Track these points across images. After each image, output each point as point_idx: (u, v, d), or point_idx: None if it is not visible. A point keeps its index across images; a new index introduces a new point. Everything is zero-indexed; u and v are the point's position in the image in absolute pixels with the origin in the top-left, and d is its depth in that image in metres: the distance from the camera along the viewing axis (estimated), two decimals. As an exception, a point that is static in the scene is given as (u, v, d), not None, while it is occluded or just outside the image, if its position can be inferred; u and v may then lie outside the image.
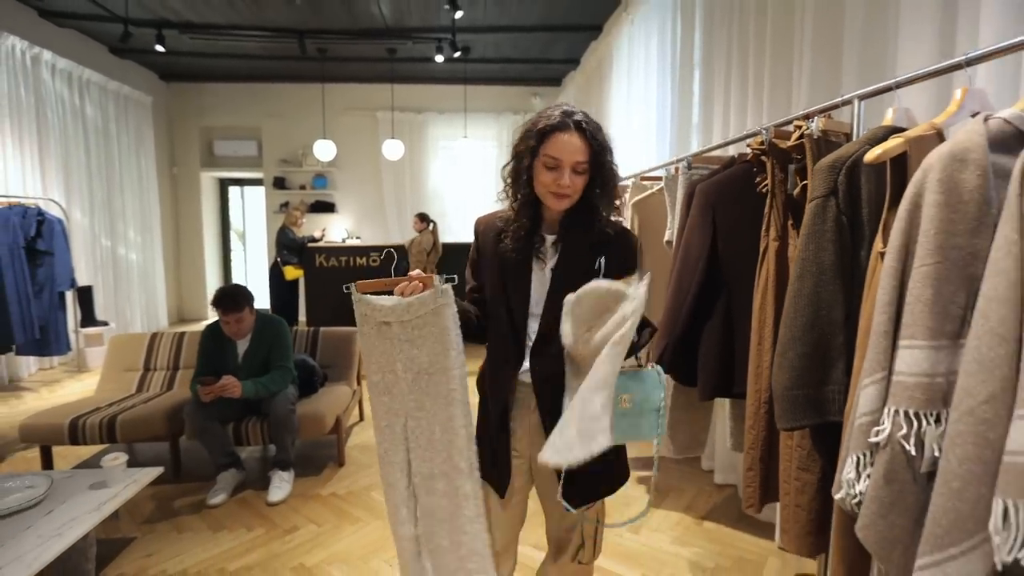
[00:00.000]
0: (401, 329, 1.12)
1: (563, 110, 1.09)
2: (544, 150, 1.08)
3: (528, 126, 1.12)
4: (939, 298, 0.82)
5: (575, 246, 1.14)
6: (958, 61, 0.97)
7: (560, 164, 1.07)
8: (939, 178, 0.82)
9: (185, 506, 2.49)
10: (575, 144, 1.07)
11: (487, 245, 1.20)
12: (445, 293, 1.09)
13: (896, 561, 0.85)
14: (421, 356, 1.12)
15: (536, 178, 1.11)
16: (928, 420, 0.82)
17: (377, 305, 1.14)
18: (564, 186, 1.08)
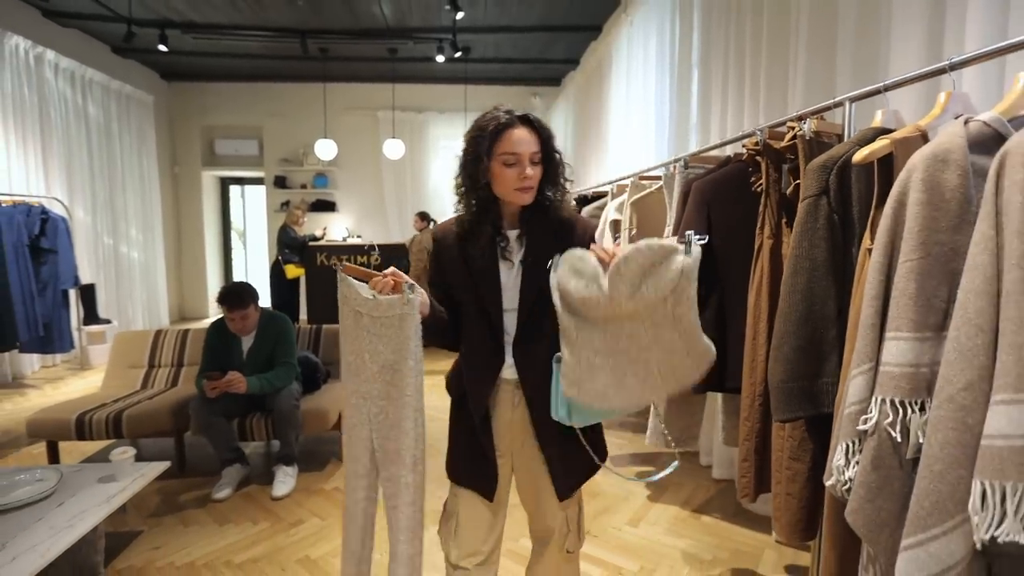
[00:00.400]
0: (371, 322, 1.16)
1: (505, 109, 1.14)
2: (500, 149, 1.11)
3: (475, 131, 1.14)
4: (923, 292, 0.86)
5: (539, 236, 1.18)
6: (942, 66, 1.01)
7: (520, 158, 1.11)
8: (922, 178, 0.86)
9: (190, 500, 2.53)
10: (528, 137, 1.12)
11: (449, 253, 1.21)
12: (410, 303, 1.11)
13: (884, 544, 0.89)
14: (387, 352, 1.16)
15: (496, 179, 1.14)
16: (913, 408, 0.86)
17: (355, 292, 1.18)
18: (529, 177, 1.11)
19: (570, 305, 1.07)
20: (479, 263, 1.17)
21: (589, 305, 1.04)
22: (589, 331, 1.07)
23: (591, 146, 5.14)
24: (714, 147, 1.98)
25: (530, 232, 1.18)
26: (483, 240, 1.16)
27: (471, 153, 1.14)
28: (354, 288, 1.18)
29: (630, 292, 1.00)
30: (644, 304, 1.01)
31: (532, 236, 1.18)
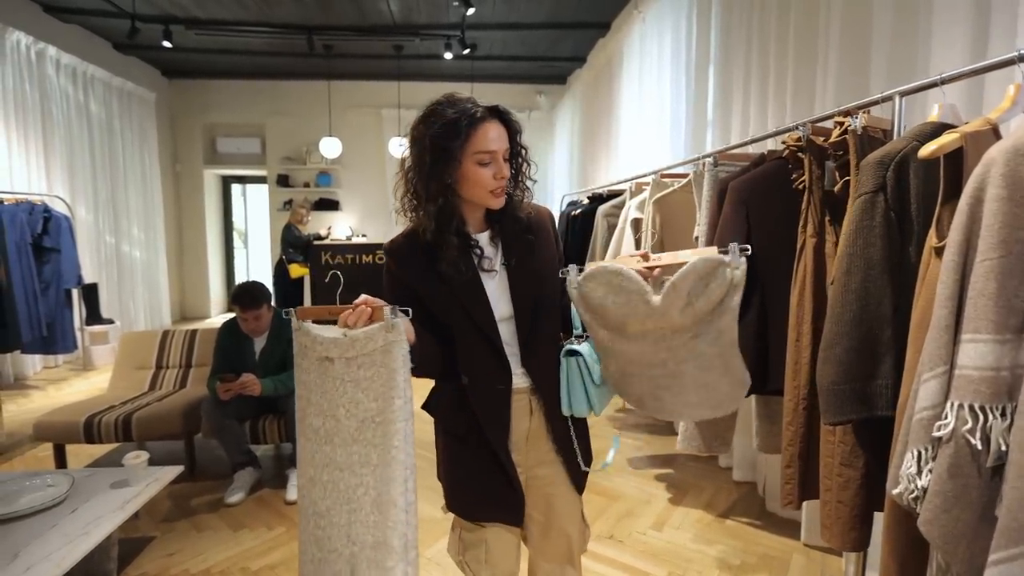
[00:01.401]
0: (345, 367, 0.96)
1: (471, 100, 1.01)
2: (474, 147, 0.98)
3: (441, 126, 0.97)
4: (1003, 292, 0.82)
5: (514, 235, 1.09)
6: (1011, 57, 0.97)
7: (495, 156, 1.00)
8: (1003, 172, 0.83)
9: (202, 505, 2.48)
10: (501, 132, 1.01)
11: (417, 272, 1.05)
12: (395, 328, 0.93)
13: (961, 555, 0.85)
14: (367, 401, 0.96)
15: (466, 180, 1.01)
16: (994, 414, 0.82)
17: (318, 337, 0.98)
18: (505, 177, 1.02)
19: (607, 322, 1.03)
20: (458, 277, 1.03)
21: (632, 321, 1.01)
22: (625, 344, 1.04)
23: (600, 144, 5.10)
24: (746, 143, 1.94)
25: (503, 233, 1.09)
26: (453, 251, 1.02)
27: (438, 151, 0.98)
28: (313, 334, 0.99)
29: (683, 306, 0.98)
30: (692, 318, 0.98)
31: (507, 237, 1.09)
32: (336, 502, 0.98)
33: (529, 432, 1.13)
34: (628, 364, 1.05)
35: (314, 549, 1.00)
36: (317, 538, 0.99)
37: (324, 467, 0.99)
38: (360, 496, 0.96)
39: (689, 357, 1.01)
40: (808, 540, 2.10)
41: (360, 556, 0.96)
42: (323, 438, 0.99)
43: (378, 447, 0.96)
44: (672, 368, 1.03)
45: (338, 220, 7.26)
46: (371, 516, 0.95)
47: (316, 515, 1.00)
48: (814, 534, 2.09)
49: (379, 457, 0.95)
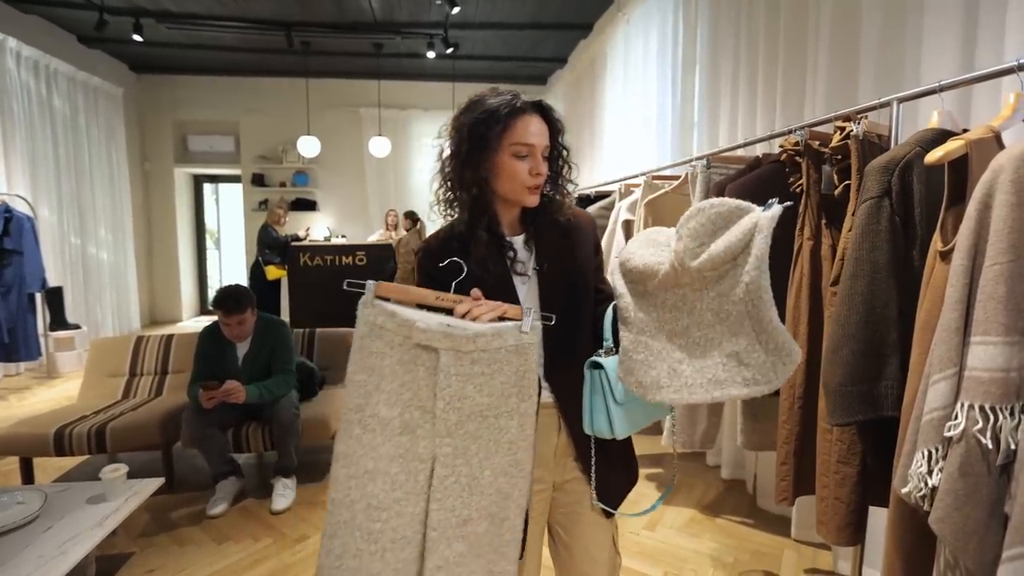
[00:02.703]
0: (455, 361, 0.91)
1: (512, 92, 0.99)
2: (512, 138, 0.96)
3: (480, 113, 0.96)
4: (1013, 295, 0.84)
5: (549, 240, 1.05)
6: (1011, 65, 1.00)
7: (533, 151, 0.97)
8: (1012, 179, 0.85)
9: (183, 517, 2.38)
10: (541, 126, 0.98)
11: (452, 271, 1.02)
12: (534, 330, 0.92)
13: (972, 552, 0.87)
14: (479, 397, 0.92)
15: (501, 173, 0.98)
16: (1004, 414, 0.84)
17: (417, 323, 0.91)
18: (543, 174, 0.98)
19: (634, 281, 0.95)
20: (489, 278, 0.99)
21: (651, 273, 0.92)
22: (647, 309, 0.94)
23: (584, 145, 5.12)
24: (741, 146, 1.96)
25: (538, 236, 1.04)
26: (482, 247, 0.99)
27: (475, 138, 0.96)
28: (406, 317, 0.92)
29: (696, 247, 0.86)
30: (711, 264, 0.86)
31: (541, 240, 1.04)
32: (410, 493, 0.92)
33: (557, 448, 1.07)
34: (649, 337, 0.94)
35: (362, 543, 0.93)
36: (371, 531, 0.92)
37: (395, 459, 0.93)
38: (449, 486, 0.93)
39: (715, 321, 0.89)
40: (798, 536, 2.14)
41: (440, 539, 0.92)
42: (397, 430, 0.93)
43: (481, 439, 0.92)
44: (696, 336, 0.91)
45: (315, 221, 7.12)
46: (457, 500, 0.93)
47: (373, 508, 0.92)
48: (804, 530, 2.13)
49: (481, 448, 0.93)
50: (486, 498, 0.94)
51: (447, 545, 0.92)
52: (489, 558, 0.96)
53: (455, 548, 0.93)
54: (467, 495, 0.93)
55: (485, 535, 0.95)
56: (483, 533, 0.95)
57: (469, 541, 0.94)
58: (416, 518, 0.92)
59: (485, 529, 0.95)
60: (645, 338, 0.93)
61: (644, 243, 0.97)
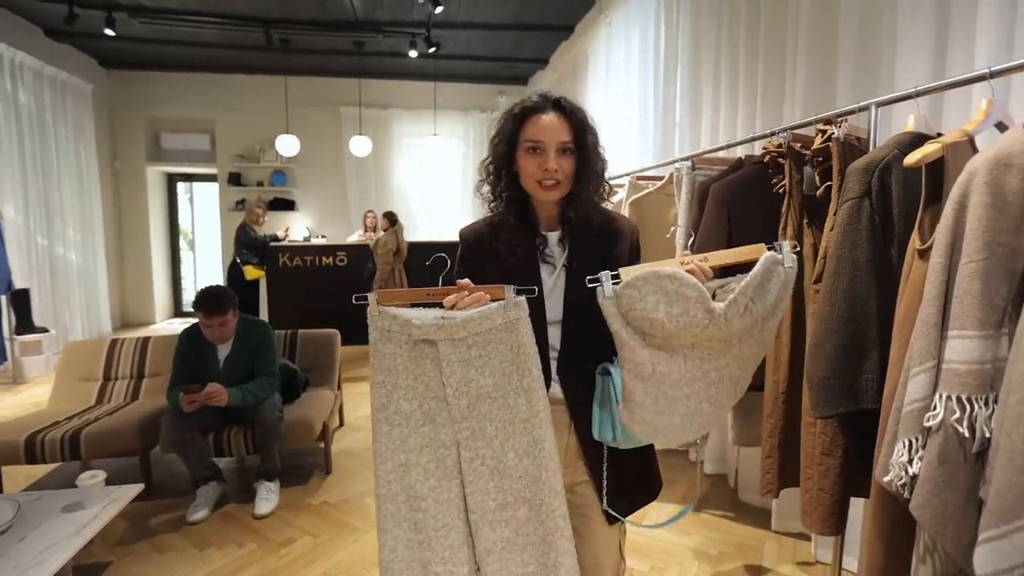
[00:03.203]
0: (452, 349, 0.95)
1: (540, 93, 1.04)
2: (524, 135, 1.01)
3: (504, 115, 1.05)
4: (987, 291, 0.89)
5: (584, 239, 1.06)
6: (982, 73, 1.05)
7: (543, 147, 1.00)
8: (986, 180, 0.89)
9: (163, 524, 2.33)
10: (556, 124, 1.00)
11: (483, 255, 1.08)
12: (519, 306, 0.93)
13: (950, 536, 0.91)
14: (482, 379, 0.95)
15: (521, 169, 1.04)
16: (979, 404, 0.88)
17: (413, 321, 0.96)
18: (551, 170, 1.00)
19: (653, 334, 0.92)
20: (517, 267, 1.03)
21: (686, 333, 0.90)
22: (668, 363, 0.93)
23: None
24: (725, 147, 2.01)
25: (572, 234, 1.06)
26: (514, 236, 1.04)
27: (498, 138, 1.05)
28: (405, 317, 0.97)
29: (742, 312, 0.91)
30: (748, 323, 0.92)
31: (575, 239, 1.06)
32: (443, 479, 0.98)
33: (567, 449, 1.08)
34: (669, 388, 0.95)
35: (410, 534, 0.99)
36: (414, 521, 0.99)
37: (423, 448, 0.99)
38: (477, 468, 0.97)
39: (732, 363, 0.96)
40: (779, 527, 2.20)
41: (482, 521, 0.97)
42: (420, 421, 0.99)
43: (495, 420, 0.96)
44: (713, 378, 0.95)
45: (294, 221, 7.01)
46: (490, 483, 0.97)
47: (413, 498, 0.98)
48: (785, 521, 2.19)
49: (497, 429, 0.96)
50: (517, 482, 0.97)
51: (491, 529, 0.97)
52: (539, 548, 0.98)
53: (500, 533, 0.97)
54: (498, 478, 0.97)
55: (527, 522, 0.97)
56: (524, 520, 0.97)
57: (512, 527, 0.97)
58: (453, 503, 0.98)
59: (525, 515, 0.97)
60: (664, 389, 0.95)
61: (661, 298, 0.89)
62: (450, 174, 7.46)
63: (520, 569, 0.97)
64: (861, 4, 1.76)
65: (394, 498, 0.99)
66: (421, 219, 7.42)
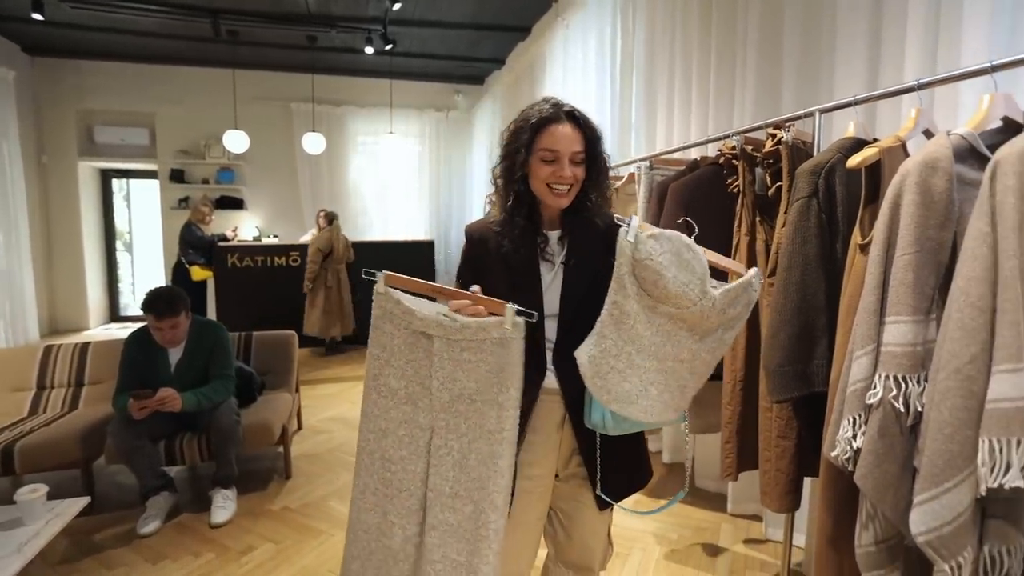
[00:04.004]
0: (446, 347, 1.01)
1: (552, 102, 1.10)
2: (540, 144, 1.07)
3: (519, 122, 1.10)
4: (918, 281, 0.99)
5: (583, 238, 1.12)
6: (911, 85, 1.17)
7: (558, 156, 1.06)
8: (916, 181, 0.99)
9: (109, 539, 2.21)
10: (571, 135, 1.07)
11: (487, 253, 1.14)
12: (517, 327, 0.97)
13: (890, 502, 1.01)
14: (466, 381, 1.00)
15: (533, 175, 1.09)
16: (912, 382, 0.99)
17: (416, 312, 1.02)
18: (565, 177, 1.06)
19: (648, 290, 0.97)
20: (518, 263, 1.09)
21: (678, 303, 0.96)
22: (645, 325, 0.99)
23: (523, 147, 5.20)
24: (679, 149, 2.11)
25: (573, 234, 1.12)
26: (519, 236, 1.10)
27: (511, 145, 1.10)
28: (408, 306, 1.02)
29: (722, 309, 1.00)
30: (716, 322, 1.01)
31: (574, 238, 1.12)
32: (413, 453, 1.05)
33: (562, 439, 1.13)
34: (635, 352, 1.00)
35: (378, 485, 1.08)
36: (384, 478, 1.07)
37: (402, 423, 1.06)
38: (443, 456, 1.04)
39: (688, 359, 1.03)
40: (734, 510, 2.33)
41: (436, 500, 1.04)
42: (403, 399, 1.06)
43: (469, 420, 1.01)
44: (669, 365, 1.02)
45: (243, 220, 6.74)
46: (450, 472, 1.03)
47: (385, 460, 1.07)
48: (739, 504, 2.32)
49: (469, 430, 1.02)
50: (471, 482, 1.01)
51: (440, 510, 1.04)
52: (471, 546, 1.02)
53: (446, 516, 1.04)
54: (457, 471, 1.03)
55: (468, 519, 1.02)
56: (467, 516, 1.02)
57: (457, 517, 1.03)
58: (418, 476, 1.06)
59: (468, 513, 1.02)
60: (631, 350, 0.99)
61: (675, 260, 0.96)
62: (406, 173, 7.38)
63: (454, 555, 1.03)
64: (802, 19, 1.90)
65: (371, 453, 1.09)
66: (376, 218, 7.30)
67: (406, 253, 6.00)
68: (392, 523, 1.07)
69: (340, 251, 5.20)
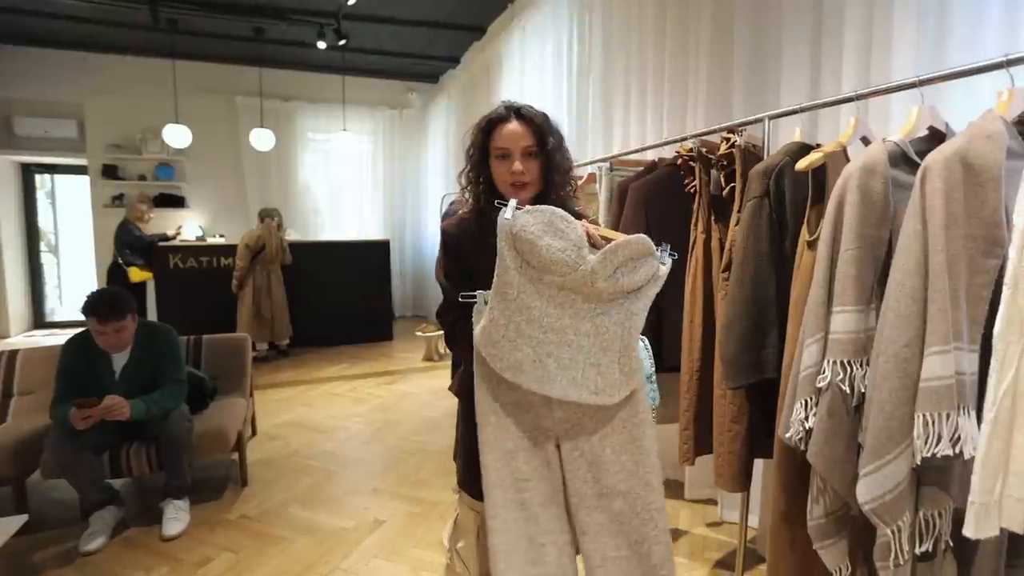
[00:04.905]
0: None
1: (505, 104, 1.17)
2: (493, 144, 1.15)
3: (475, 127, 1.18)
4: (860, 274, 1.09)
5: None
6: (850, 95, 1.28)
7: (509, 152, 1.13)
8: (857, 184, 1.09)
9: (49, 559, 2.06)
10: (519, 131, 1.13)
11: (470, 247, 1.17)
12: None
13: (838, 476, 1.10)
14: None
15: (496, 177, 1.16)
16: (856, 366, 1.09)
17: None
18: (518, 171, 1.12)
19: (529, 261, 0.99)
20: None
21: (557, 269, 0.98)
22: (533, 295, 1.00)
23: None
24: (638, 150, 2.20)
25: None
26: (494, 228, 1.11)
27: (472, 148, 1.18)
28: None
29: (608, 275, 0.99)
30: (612, 289, 1.00)
31: None
32: (544, 460, 1.08)
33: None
34: (525, 322, 1.00)
35: (516, 513, 1.06)
36: (521, 501, 1.05)
37: (525, 435, 1.08)
38: (575, 458, 1.07)
39: (592, 332, 1.02)
40: (691, 495, 2.44)
41: (581, 504, 1.06)
42: (525, 407, 1.08)
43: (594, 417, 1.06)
44: (570, 338, 1.02)
45: (184, 218, 6.39)
46: (588, 473, 1.07)
47: (519, 480, 1.06)
48: (695, 489, 2.44)
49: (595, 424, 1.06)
50: (613, 476, 1.05)
51: (587, 513, 1.06)
52: (632, 537, 1.07)
53: (595, 517, 1.06)
54: (595, 470, 1.06)
55: (621, 512, 1.06)
56: (619, 510, 1.05)
57: (608, 514, 1.05)
58: (554, 483, 1.07)
59: (620, 506, 1.05)
60: (520, 320, 1.01)
61: (548, 229, 0.98)
62: (359, 171, 7.23)
63: (613, 552, 1.06)
64: (751, 29, 2.02)
65: (502, 483, 1.06)
66: (329, 218, 7.12)
67: (360, 253, 5.87)
68: (541, 545, 1.05)
69: (272, 250, 5.02)
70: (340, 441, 3.22)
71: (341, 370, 4.81)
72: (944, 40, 1.40)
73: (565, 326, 1.01)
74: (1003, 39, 1.29)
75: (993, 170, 0.92)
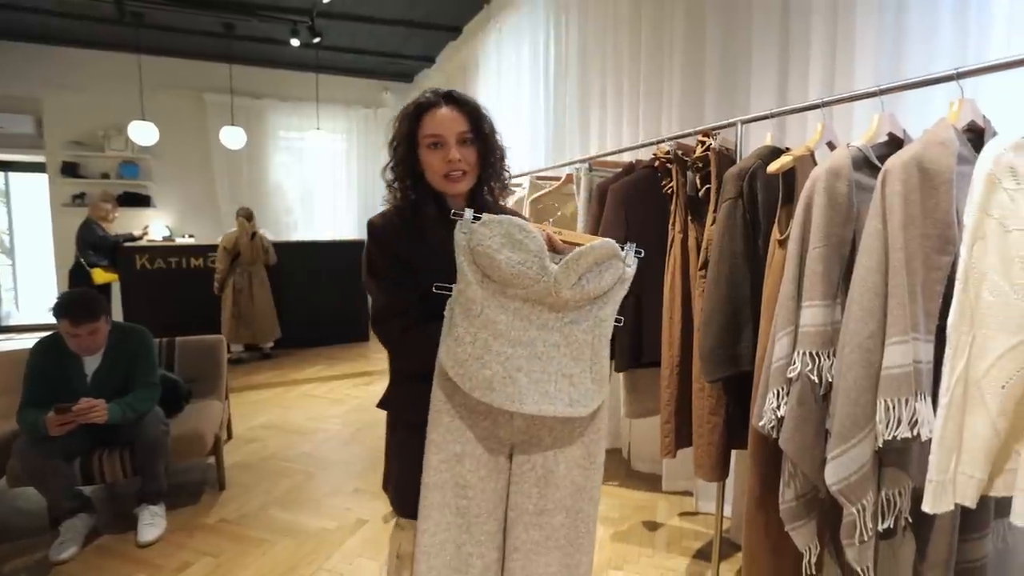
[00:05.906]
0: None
1: (432, 91, 1.07)
2: (423, 132, 1.04)
3: (400, 115, 1.07)
4: (827, 271, 1.16)
5: None
6: (817, 103, 1.36)
7: (443, 139, 1.03)
8: (824, 187, 1.16)
9: (19, 570, 2.00)
10: (452, 116, 1.04)
11: (407, 241, 1.06)
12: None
13: (808, 460, 1.17)
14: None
15: (427, 169, 1.05)
16: (824, 357, 1.16)
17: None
18: (455, 160, 1.02)
19: (490, 275, 0.96)
20: (443, 248, 0.99)
21: (519, 282, 0.95)
22: (498, 310, 0.96)
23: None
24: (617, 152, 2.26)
25: None
26: (432, 219, 1.06)
27: (396, 139, 1.07)
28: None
29: (573, 283, 0.97)
30: (578, 296, 0.97)
31: None
32: (492, 471, 1.03)
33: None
34: (492, 337, 0.96)
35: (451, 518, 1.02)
36: (459, 507, 1.02)
37: (480, 441, 1.03)
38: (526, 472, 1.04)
39: (562, 342, 0.99)
40: (668, 487, 2.52)
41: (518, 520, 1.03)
42: (482, 415, 1.02)
43: (553, 429, 1.03)
44: (540, 350, 0.98)
45: (150, 218, 6.20)
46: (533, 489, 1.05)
47: (461, 487, 1.02)
48: (672, 481, 2.51)
49: (553, 440, 1.03)
50: (560, 491, 1.03)
51: (523, 530, 1.03)
52: (566, 551, 1.05)
53: (531, 535, 1.03)
54: (542, 486, 1.03)
55: (560, 527, 1.04)
56: (558, 525, 1.03)
57: (545, 531, 1.03)
58: (498, 493, 1.03)
59: (560, 521, 1.04)
60: (487, 335, 0.96)
61: (506, 241, 0.94)
62: (332, 170, 7.14)
63: (542, 569, 1.03)
64: (722, 35, 2.10)
65: (443, 486, 1.01)
66: (301, 218, 7.01)
67: (335, 253, 5.80)
68: (468, 555, 1.01)
69: (246, 252, 4.92)
70: (319, 443, 3.20)
71: (318, 371, 4.76)
72: (901, 52, 1.50)
73: (533, 338, 0.98)
74: (956, 54, 1.39)
75: (946, 174, 1.00)
